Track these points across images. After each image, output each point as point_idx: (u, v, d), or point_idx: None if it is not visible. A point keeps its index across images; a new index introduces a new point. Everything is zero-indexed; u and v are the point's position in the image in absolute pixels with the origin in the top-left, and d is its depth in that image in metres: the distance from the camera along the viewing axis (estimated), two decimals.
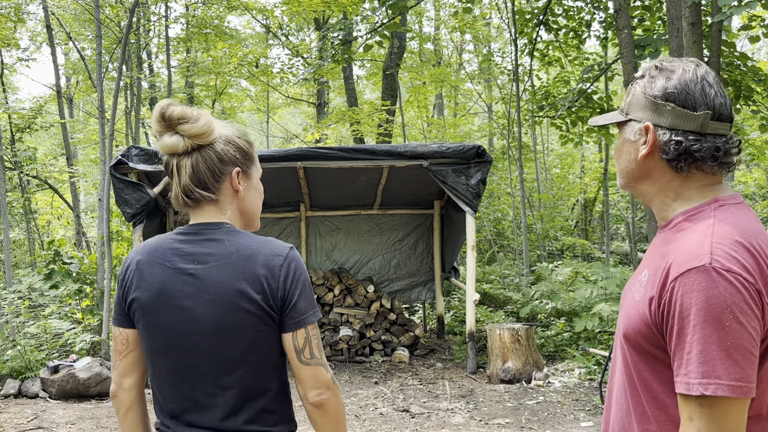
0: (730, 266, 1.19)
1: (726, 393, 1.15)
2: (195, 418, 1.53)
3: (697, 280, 1.19)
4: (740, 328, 1.16)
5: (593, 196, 16.02)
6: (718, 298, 1.17)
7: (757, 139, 10.87)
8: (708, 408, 1.17)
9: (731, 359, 1.15)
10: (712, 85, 1.32)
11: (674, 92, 1.32)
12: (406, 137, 15.50)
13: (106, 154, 8.13)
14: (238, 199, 1.58)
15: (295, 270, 1.50)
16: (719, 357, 1.16)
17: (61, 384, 6.10)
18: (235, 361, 1.49)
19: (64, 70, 17.75)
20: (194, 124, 1.49)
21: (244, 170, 1.58)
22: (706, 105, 1.30)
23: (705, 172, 1.34)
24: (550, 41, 10.16)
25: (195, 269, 1.50)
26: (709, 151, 1.30)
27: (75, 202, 14.02)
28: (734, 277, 1.18)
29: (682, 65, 1.36)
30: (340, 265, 8.78)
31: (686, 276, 1.20)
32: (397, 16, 9.13)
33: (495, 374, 6.50)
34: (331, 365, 7.45)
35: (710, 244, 1.22)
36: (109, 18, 12.08)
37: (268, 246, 1.52)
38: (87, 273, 8.42)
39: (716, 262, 1.19)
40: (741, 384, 1.15)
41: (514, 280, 10.78)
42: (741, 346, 1.16)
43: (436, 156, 6.69)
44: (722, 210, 1.30)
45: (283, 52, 22.48)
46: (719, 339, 1.16)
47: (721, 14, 5.23)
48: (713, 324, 1.16)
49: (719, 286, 1.17)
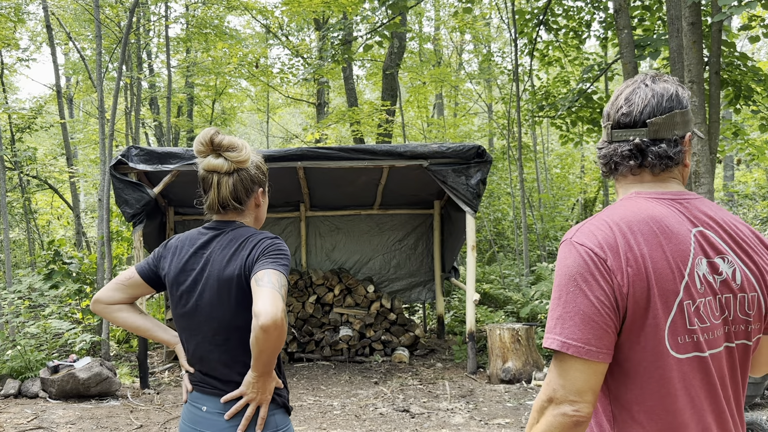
0: (584, 241, 1.36)
1: (561, 348, 1.30)
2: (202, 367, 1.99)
3: (561, 251, 1.39)
4: (581, 295, 1.31)
5: (593, 196, 16.02)
6: (568, 266, 1.35)
7: (757, 139, 10.86)
8: (556, 361, 1.33)
9: (572, 321, 1.31)
10: (619, 97, 1.49)
11: (605, 112, 1.53)
12: (406, 137, 15.49)
13: (106, 154, 8.13)
14: (257, 210, 2.06)
15: (269, 245, 1.88)
16: (562, 317, 1.32)
17: (61, 384, 6.10)
18: (226, 322, 1.92)
19: (64, 70, 17.75)
20: (240, 153, 1.95)
21: (265, 189, 2.06)
22: (609, 117, 1.50)
23: (624, 174, 1.49)
24: (550, 41, 10.16)
25: (204, 252, 1.98)
26: (609, 155, 1.49)
27: (75, 202, 14.01)
28: (584, 249, 1.34)
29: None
30: (340, 265, 8.78)
31: (560, 248, 1.42)
32: (397, 16, 9.13)
33: (495, 374, 6.50)
34: (331, 365, 7.48)
35: (585, 224, 1.40)
36: (109, 18, 12.08)
37: (259, 235, 1.93)
38: (87, 273, 8.42)
39: (576, 237, 1.37)
40: (576, 344, 1.30)
41: (514, 280, 10.78)
42: (581, 311, 1.31)
43: (436, 156, 6.69)
44: (628, 199, 1.45)
45: (283, 52, 22.49)
46: (565, 302, 1.33)
47: (721, 14, 5.23)
48: (561, 288, 1.34)
49: (569, 257, 1.36)
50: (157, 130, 16.45)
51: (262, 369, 1.83)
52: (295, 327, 7.81)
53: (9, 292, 7.66)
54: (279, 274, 1.80)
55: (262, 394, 1.87)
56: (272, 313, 1.70)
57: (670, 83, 1.47)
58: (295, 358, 7.70)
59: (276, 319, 1.70)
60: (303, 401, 5.98)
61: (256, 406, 1.87)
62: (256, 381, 1.85)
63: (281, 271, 1.81)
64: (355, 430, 5.13)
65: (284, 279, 1.81)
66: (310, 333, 7.80)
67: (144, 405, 6.00)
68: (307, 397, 6.15)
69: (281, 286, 1.78)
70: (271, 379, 1.87)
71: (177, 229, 8.44)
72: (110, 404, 6.03)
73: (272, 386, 1.89)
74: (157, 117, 15.87)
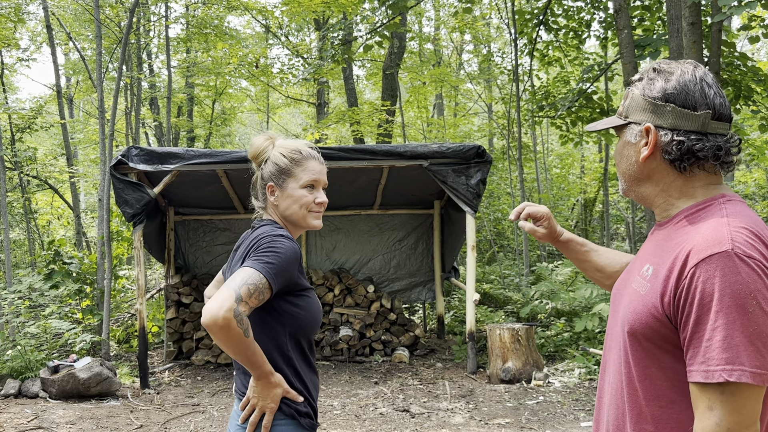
0: (751, 253, 1.18)
1: (749, 380, 1.13)
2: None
3: (720, 265, 1.17)
4: (762, 315, 1.15)
5: (593, 196, 16.02)
6: (742, 283, 1.15)
7: (757, 139, 10.87)
8: (730, 396, 1.15)
9: (753, 346, 1.14)
10: (711, 86, 1.33)
11: (674, 93, 1.33)
12: (406, 137, 15.49)
13: (106, 154, 8.13)
14: (276, 206, 1.99)
15: (261, 242, 1.83)
16: (743, 343, 1.14)
17: (61, 384, 6.10)
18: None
19: (64, 70, 17.76)
20: (249, 149, 2.02)
21: (279, 184, 1.97)
22: (706, 105, 1.31)
23: (707, 172, 1.35)
24: (550, 41, 10.16)
25: (234, 253, 1.98)
26: (711, 150, 1.31)
27: (75, 202, 14.01)
28: (756, 263, 1.17)
29: (680, 67, 1.37)
30: (340, 265, 8.78)
31: (708, 262, 1.19)
32: (397, 16, 9.13)
33: (495, 374, 6.50)
34: (331, 365, 7.48)
35: (729, 232, 1.22)
36: (109, 18, 12.09)
37: (260, 231, 1.89)
38: (87, 273, 8.42)
39: (738, 249, 1.18)
40: (762, 372, 1.14)
41: (514, 280, 10.78)
42: (763, 333, 1.15)
43: (436, 156, 6.70)
44: (731, 204, 1.31)
45: (283, 52, 22.48)
46: (743, 325, 1.14)
47: (721, 14, 5.24)
48: (737, 310, 1.15)
49: (742, 272, 1.16)
50: (158, 130, 16.46)
51: (251, 371, 1.79)
52: None
53: (9, 292, 7.66)
54: (251, 271, 1.72)
55: (263, 400, 1.82)
56: (210, 312, 1.64)
57: None
58: None
59: (214, 318, 1.63)
60: None
61: (260, 412, 1.82)
62: (255, 385, 1.82)
63: (256, 268, 1.73)
64: (355, 429, 5.13)
65: (256, 276, 1.71)
66: None
67: (144, 405, 6.00)
68: None
69: (243, 284, 1.69)
70: (270, 386, 1.81)
71: (177, 230, 8.44)
72: (110, 404, 6.04)
73: (275, 393, 1.82)
74: (157, 117, 15.88)
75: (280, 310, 1.85)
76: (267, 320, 1.85)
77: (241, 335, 1.68)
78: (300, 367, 1.90)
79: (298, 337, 1.90)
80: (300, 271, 1.89)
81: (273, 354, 1.86)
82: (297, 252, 1.86)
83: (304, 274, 1.94)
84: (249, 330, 1.71)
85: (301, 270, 1.91)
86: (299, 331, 1.89)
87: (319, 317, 1.95)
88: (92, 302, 8.32)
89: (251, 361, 1.75)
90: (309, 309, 1.90)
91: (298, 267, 1.88)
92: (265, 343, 1.85)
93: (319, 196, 2.00)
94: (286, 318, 1.86)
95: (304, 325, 1.90)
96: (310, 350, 1.96)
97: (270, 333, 1.86)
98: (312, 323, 1.92)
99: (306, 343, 1.94)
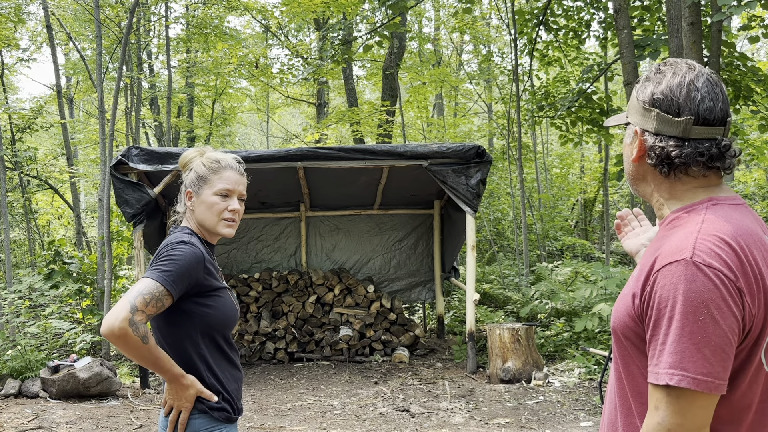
0: (710, 261, 1.20)
1: (690, 386, 1.16)
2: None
3: (677, 273, 1.20)
4: (713, 324, 1.17)
5: (593, 196, 16.03)
6: (695, 292, 1.18)
7: (757, 139, 10.87)
8: (674, 398, 1.18)
9: (701, 353, 1.17)
10: (698, 90, 1.32)
11: (660, 98, 1.34)
12: (406, 137, 15.50)
13: (107, 154, 8.13)
14: (192, 212, 2.07)
15: (162, 251, 1.92)
16: (689, 350, 1.17)
17: (62, 384, 6.10)
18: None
19: (64, 70, 17.74)
20: (179, 159, 2.13)
21: (195, 191, 2.06)
22: (689, 110, 1.31)
23: (692, 176, 1.35)
24: (549, 41, 10.16)
25: None
26: (690, 156, 1.31)
27: (75, 202, 14.02)
28: (713, 272, 1.19)
29: (674, 69, 1.37)
30: (340, 265, 8.79)
31: (667, 269, 1.22)
32: (397, 16, 9.14)
33: (495, 374, 6.51)
34: (331, 365, 7.49)
35: (695, 240, 1.23)
36: (109, 18, 12.09)
37: (168, 239, 1.98)
38: (87, 273, 8.43)
39: (697, 257, 1.20)
40: (707, 379, 1.17)
41: (514, 280, 10.79)
42: (712, 341, 1.17)
43: (436, 156, 6.70)
44: (715, 208, 1.31)
45: (283, 53, 22.49)
46: (692, 332, 1.17)
47: (721, 14, 5.24)
48: (688, 317, 1.18)
49: (697, 281, 1.18)
50: (158, 130, 16.46)
51: (161, 375, 1.90)
52: (295, 327, 7.82)
53: (9, 292, 7.67)
54: (147, 281, 1.82)
55: (178, 400, 1.92)
56: (107, 323, 1.76)
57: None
58: (295, 357, 7.70)
59: (111, 328, 1.75)
60: (303, 401, 5.99)
61: (177, 411, 1.93)
62: (169, 388, 1.92)
63: (153, 278, 1.83)
64: (355, 429, 5.14)
65: (152, 285, 1.82)
66: (310, 333, 7.81)
67: (144, 405, 6.01)
68: (308, 396, 6.16)
69: (139, 294, 1.79)
70: (183, 387, 1.91)
71: None
72: (110, 404, 6.04)
73: (188, 393, 1.92)
74: (157, 117, 15.88)
75: (189, 312, 1.94)
76: (177, 322, 1.95)
77: (138, 342, 1.78)
78: (215, 364, 1.99)
79: (213, 335, 1.99)
80: (208, 273, 1.96)
81: (187, 352, 1.95)
82: (199, 256, 1.94)
83: (216, 276, 2.01)
84: (147, 337, 1.80)
85: (209, 272, 1.98)
86: (212, 329, 1.98)
87: (232, 314, 2.03)
88: (92, 302, 8.33)
89: (156, 365, 1.86)
90: (220, 308, 1.99)
91: (205, 269, 1.95)
92: (179, 342, 1.95)
93: (232, 204, 2.05)
94: (196, 318, 1.95)
95: (216, 323, 1.98)
96: (228, 345, 2.05)
97: (181, 333, 1.95)
98: (224, 321, 2.00)
99: (222, 340, 2.02)
